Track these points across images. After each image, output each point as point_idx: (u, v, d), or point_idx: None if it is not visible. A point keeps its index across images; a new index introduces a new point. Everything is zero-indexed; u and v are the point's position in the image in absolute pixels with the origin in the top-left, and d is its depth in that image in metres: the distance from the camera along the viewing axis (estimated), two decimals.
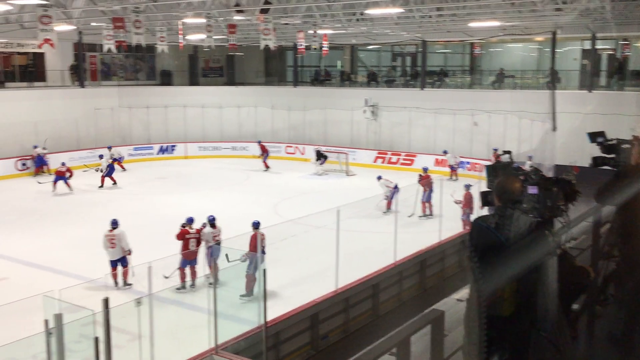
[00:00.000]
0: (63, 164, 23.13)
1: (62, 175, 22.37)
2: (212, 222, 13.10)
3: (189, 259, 12.54)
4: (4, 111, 26.35)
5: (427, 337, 4.69)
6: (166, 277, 12.25)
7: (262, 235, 12.01)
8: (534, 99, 25.30)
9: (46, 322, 6.76)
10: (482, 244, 3.27)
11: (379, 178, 19.81)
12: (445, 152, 25.96)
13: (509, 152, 21.61)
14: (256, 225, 12.23)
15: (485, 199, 3.77)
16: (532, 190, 3.51)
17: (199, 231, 12.91)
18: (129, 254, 12.91)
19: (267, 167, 27.52)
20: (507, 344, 3.37)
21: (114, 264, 12.85)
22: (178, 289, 12.23)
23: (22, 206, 20.72)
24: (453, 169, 25.17)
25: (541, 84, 28.79)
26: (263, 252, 11.68)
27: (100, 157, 24.87)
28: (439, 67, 33.59)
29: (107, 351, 7.17)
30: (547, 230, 3.38)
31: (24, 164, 25.89)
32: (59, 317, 6.75)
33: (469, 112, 27.03)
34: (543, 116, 23.62)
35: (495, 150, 24.31)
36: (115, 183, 23.51)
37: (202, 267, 12.68)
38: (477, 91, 29.61)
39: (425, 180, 19.04)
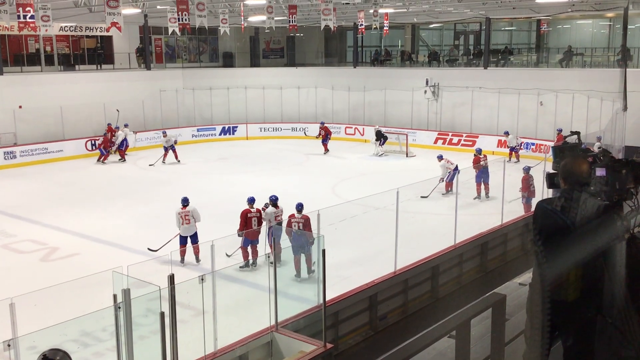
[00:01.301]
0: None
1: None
2: (274, 201, 13.26)
3: (250, 238, 12.77)
4: (75, 93, 27.36)
5: (487, 320, 4.65)
6: (228, 256, 12.53)
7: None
8: (603, 77, 24.34)
9: (115, 296, 7.02)
10: (546, 227, 3.19)
11: (440, 158, 19.40)
12: (506, 133, 25.29)
13: (577, 133, 20.88)
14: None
15: (551, 181, 3.66)
16: (600, 172, 3.39)
17: (259, 211, 13.11)
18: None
19: (326, 150, 27.21)
20: (571, 330, 3.29)
21: (184, 240, 13.22)
22: (241, 267, 12.49)
23: (92, 185, 21.54)
24: (514, 150, 24.48)
25: (612, 61, 27.61)
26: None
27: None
28: (503, 45, 32.69)
29: (173, 325, 7.41)
30: (615, 214, 3.27)
31: (93, 144, 26.85)
32: (127, 292, 7.01)
33: (534, 92, 26.24)
34: (613, 95, 22.70)
35: (560, 131, 23.53)
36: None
37: (263, 246, 12.90)
38: (544, 70, 28.69)
39: (476, 163, 18.71)
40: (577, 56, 28.63)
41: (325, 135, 27.46)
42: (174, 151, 24.92)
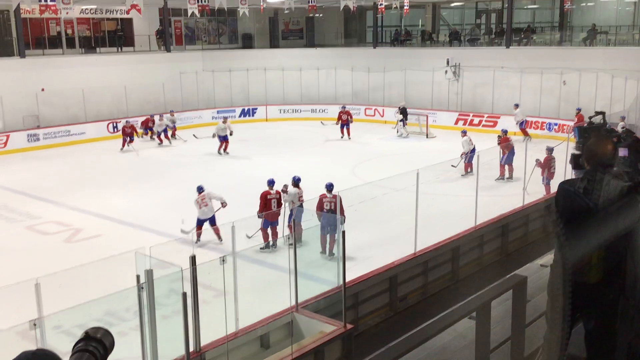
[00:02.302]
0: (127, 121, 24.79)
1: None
2: (297, 182, 13.31)
3: (270, 220, 12.84)
4: (96, 76, 27.55)
5: (508, 302, 4.63)
6: (249, 237, 12.62)
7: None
8: (628, 56, 23.87)
9: (138, 277, 7.12)
10: (568, 209, 3.15)
11: (464, 133, 19.35)
12: (516, 106, 24.81)
13: (601, 113, 20.56)
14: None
15: (576, 162, 3.61)
16: (623, 152, 3.34)
17: (279, 193, 13.17)
18: (225, 205, 13.51)
19: (342, 134, 25.84)
20: (594, 312, 3.27)
21: (201, 222, 13.36)
22: (261, 248, 12.58)
23: (114, 167, 21.77)
24: (521, 127, 24.10)
25: (636, 40, 27.07)
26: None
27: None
28: (526, 23, 32.17)
29: (195, 306, 7.51)
30: (638, 196, 3.23)
31: (115, 127, 27.08)
32: (149, 273, 7.11)
33: (557, 71, 25.83)
34: (638, 74, 22.26)
35: (579, 110, 23.20)
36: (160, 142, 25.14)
37: (283, 227, 12.97)
38: (567, 48, 28.18)
39: (504, 143, 18.47)
40: (601, 34, 28.07)
41: (346, 120, 25.96)
42: (166, 136, 25.22)
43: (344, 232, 9.29)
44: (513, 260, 12.37)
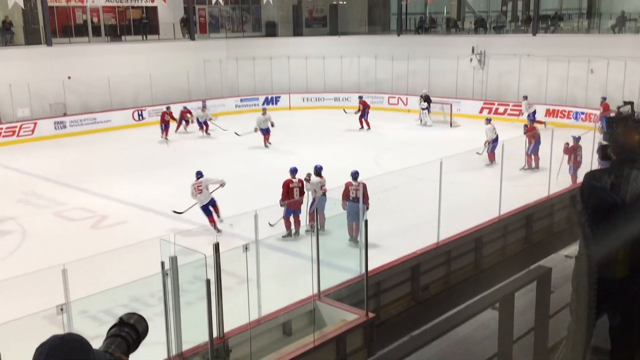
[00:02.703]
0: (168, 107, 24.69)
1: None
2: (319, 171, 13.32)
3: (292, 208, 12.89)
4: (122, 64, 27.80)
5: (531, 293, 4.60)
6: (271, 225, 12.70)
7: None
8: None
9: (162, 263, 7.21)
10: (594, 203, 3.11)
11: (488, 121, 19.28)
12: (525, 97, 24.47)
13: (630, 103, 20.19)
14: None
15: (604, 153, 3.56)
16: None
17: (301, 181, 13.19)
18: (223, 185, 13.75)
19: (362, 125, 25.51)
20: (619, 307, 3.23)
21: (206, 210, 13.51)
22: (283, 236, 12.64)
23: (139, 155, 22.00)
24: (529, 118, 23.63)
25: None
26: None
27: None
28: (553, 10, 31.62)
29: (218, 292, 7.59)
30: None
31: (140, 114, 27.32)
32: (174, 260, 7.20)
33: (585, 59, 25.39)
34: None
35: (604, 99, 22.79)
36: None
37: (305, 216, 13.01)
38: (595, 36, 27.69)
39: (531, 132, 18.26)
40: (630, 22, 27.50)
41: (363, 110, 25.60)
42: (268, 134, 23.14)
43: (366, 221, 9.28)
44: (537, 251, 12.24)
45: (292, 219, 12.98)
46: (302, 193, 13.11)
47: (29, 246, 13.15)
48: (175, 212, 13.99)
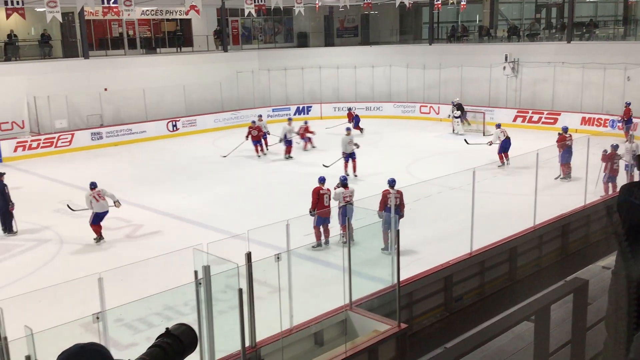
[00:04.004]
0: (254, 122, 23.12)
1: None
2: (344, 182, 13.31)
3: (323, 217, 12.88)
4: (156, 76, 28.30)
5: (568, 305, 4.52)
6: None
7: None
8: None
9: (196, 273, 7.28)
10: (632, 219, 3.05)
11: (498, 126, 19.86)
12: (498, 126, 20.64)
13: None
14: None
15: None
16: None
17: (329, 190, 13.17)
18: (119, 205, 14.38)
19: (359, 130, 25.98)
20: None
21: (100, 216, 13.99)
22: (313, 246, 12.64)
23: (173, 165, 22.28)
24: (504, 150, 19.57)
25: None
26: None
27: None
28: (588, 17, 31.16)
29: (250, 301, 7.63)
30: None
31: (174, 125, 27.71)
32: (207, 269, 7.26)
33: (621, 67, 24.92)
34: None
35: (629, 104, 22.43)
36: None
37: (335, 225, 12.99)
38: (631, 43, 27.17)
39: (561, 141, 17.98)
40: None
41: (351, 120, 26.60)
42: (291, 146, 22.27)
43: (398, 231, 9.24)
44: (573, 262, 12.02)
45: (322, 228, 12.97)
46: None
47: (65, 255, 13.41)
48: (69, 207, 15.24)
